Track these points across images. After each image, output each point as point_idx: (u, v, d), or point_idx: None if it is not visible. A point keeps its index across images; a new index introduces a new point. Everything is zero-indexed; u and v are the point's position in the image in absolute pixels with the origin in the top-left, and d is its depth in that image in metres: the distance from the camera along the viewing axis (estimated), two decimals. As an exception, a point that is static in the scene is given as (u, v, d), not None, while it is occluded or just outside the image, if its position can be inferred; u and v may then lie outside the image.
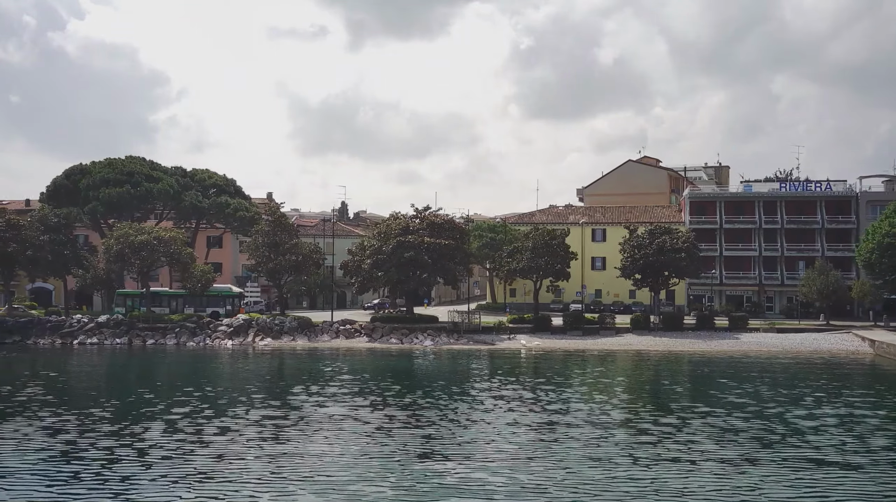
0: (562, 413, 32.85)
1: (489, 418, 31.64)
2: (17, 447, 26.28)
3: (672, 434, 28.21)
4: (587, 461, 24.21)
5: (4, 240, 67.63)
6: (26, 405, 34.98)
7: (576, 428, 29.30)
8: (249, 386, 41.86)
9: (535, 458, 24.69)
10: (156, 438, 27.65)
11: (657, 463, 23.96)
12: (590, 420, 31.20)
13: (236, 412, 33.25)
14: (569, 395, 38.19)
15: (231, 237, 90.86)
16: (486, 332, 67.94)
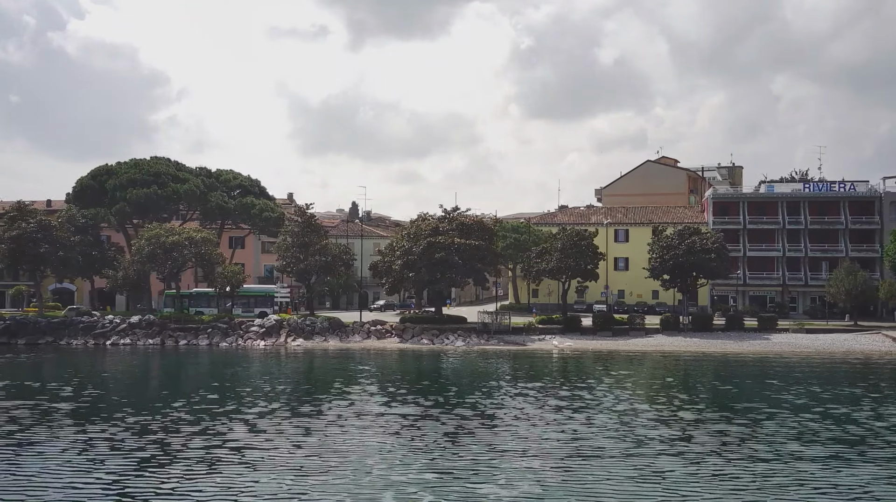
0: (632, 414, 33.03)
1: (561, 420, 31.69)
2: (113, 448, 26.46)
3: (751, 435, 28.42)
4: (681, 461, 24.41)
5: (35, 240, 67.64)
6: (96, 406, 35.13)
7: (654, 430, 29.46)
8: (309, 386, 42.17)
9: (632, 456, 24.90)
10: (240, 435, 27.89)
11: (753, 462, 24.19)
12: (662, 421, 31.37)
13: (311, 410, 33.53)
14: (628, 396, 38.35)
15: (253, 238, 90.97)
16: (515, 333, 68.07)
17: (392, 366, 53.68)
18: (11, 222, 68.31)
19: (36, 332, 66.16)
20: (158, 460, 24.83)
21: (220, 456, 25.14)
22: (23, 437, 28.25)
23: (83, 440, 27.75)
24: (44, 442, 27.52)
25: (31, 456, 25.29)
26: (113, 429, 29.58)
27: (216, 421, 31.01)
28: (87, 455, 25.53)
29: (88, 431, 29.30)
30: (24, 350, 63.16)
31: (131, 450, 26.12)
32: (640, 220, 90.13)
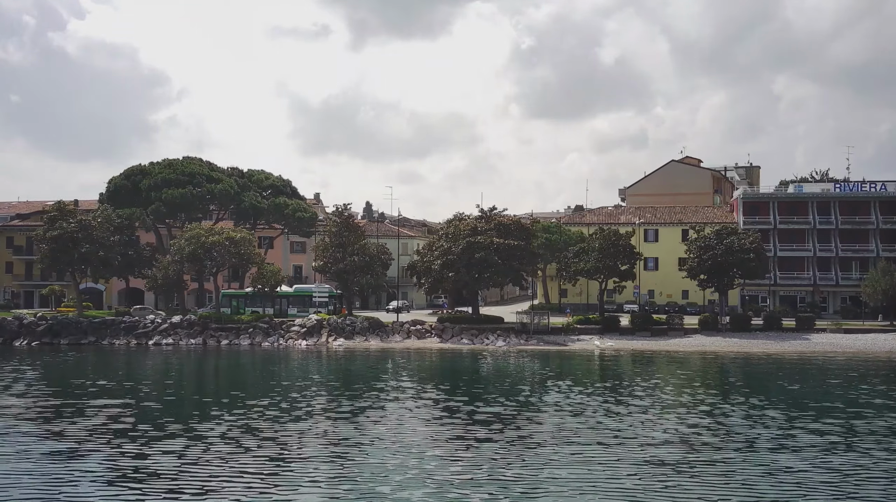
0: (720, 414, 33.27)
1: (657, 420, 31.72)
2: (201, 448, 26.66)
3: (849, 434, 28.66)
4: (801, 458, 24.72)
5: (76, 240, 67.77)
6: (174, 406, 35.37)
7: (753, 429, 29.83)
8: (380, 384, 42.36)
9: (754, 453, 25.19)
10: (331, 432, 28.07)
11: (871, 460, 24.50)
12: (755, 420, 31.60)
13: (391, 408, 33.77)
14: (703, 396, 38.55)
15: (282, 238, 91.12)
16: (554, 333, 68.24)
17: (446, 366, 53.85)
18: (52, 222, 68.44)
19: (78, 332, 66.31)
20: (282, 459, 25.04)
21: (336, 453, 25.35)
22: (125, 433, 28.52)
23: (218, 435, 27.97)
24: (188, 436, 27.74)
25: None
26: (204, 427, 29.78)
27: (306, 419, 31.25)
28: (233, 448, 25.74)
29: (201, 428, 29.54)
30: (68, 349, 63.35)
31: (293, 459, 26.25)
32: (670, 220, 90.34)
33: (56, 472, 23.43)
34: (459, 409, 34.58)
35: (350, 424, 30.71)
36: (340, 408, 34.74)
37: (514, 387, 42.07)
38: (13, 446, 26.90)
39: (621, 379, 46.92)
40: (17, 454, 25.68)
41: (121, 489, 21.84)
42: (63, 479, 22.64)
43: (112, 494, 21.43)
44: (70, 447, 26.82)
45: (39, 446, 26.95)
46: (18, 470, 23.75)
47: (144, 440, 27.98)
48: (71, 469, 23.91)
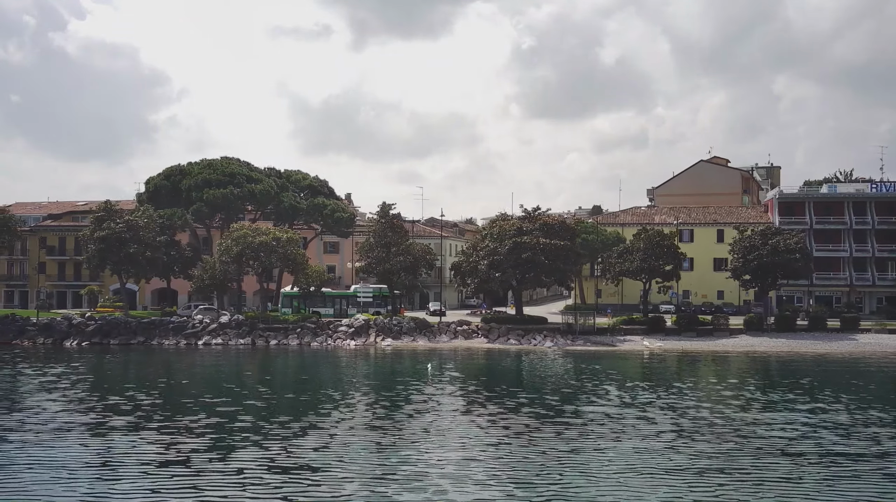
0: (822, 415, 33.36)
1: (764, 423, 31.65)
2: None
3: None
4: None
5: (123, 240, 67.89)
6: (254, 407, 35.49)
7: (866, 429, 29.88)
8: (464, 384, 42.53)
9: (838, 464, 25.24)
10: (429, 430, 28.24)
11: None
12: (863, 422, 31.66)
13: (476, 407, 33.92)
14: (793, 397, 38.58)
15: (315, 239, 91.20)
16: (600, 334, 68.37)
17: (510, 368, 53.71)
18: (99, 222, 68.56)
19: (127, 332, 66.45)
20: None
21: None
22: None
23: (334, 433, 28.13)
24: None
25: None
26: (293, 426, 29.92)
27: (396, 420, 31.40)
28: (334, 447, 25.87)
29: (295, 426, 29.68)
30: (118, 350, 63.52)
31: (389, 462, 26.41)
32: (705, 221, 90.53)
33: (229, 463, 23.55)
34: (563, 411, 34.68)
35: (473, 426, 30.80)
36: (449, 408, 34.85)
37: (600, 387, 42.16)
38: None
39: (698, 379, 47.00)
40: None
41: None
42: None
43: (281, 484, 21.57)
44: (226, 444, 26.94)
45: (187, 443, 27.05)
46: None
47: (289, 437, 28.27)
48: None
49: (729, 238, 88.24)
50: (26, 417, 32.42)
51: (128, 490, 21.67)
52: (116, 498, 21.03)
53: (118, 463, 24.66)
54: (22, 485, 22.15)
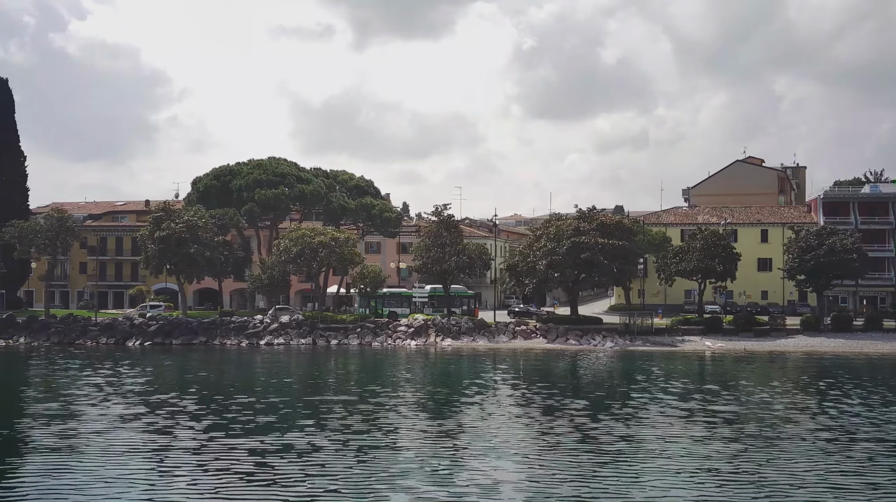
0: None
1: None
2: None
3: None
4: None
5: (182, 240, 67.93)
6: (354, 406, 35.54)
7: None
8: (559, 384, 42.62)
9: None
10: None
11: None
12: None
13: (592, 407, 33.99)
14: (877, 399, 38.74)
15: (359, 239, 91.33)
16: (657, 334, 68.52)
17: (585, 368, 53.80)
18: (158, 223, 68.60)
19: (189, 332, 66.51)
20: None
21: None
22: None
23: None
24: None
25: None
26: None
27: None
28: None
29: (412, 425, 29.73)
30: (180, 350, 63.60)
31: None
32: (748, 221, 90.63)
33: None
34: (704, 409, 34.73)
35: (605, 428, 30.90)
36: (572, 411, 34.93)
37: (701, 387, 42.24)
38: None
39: (785, 379, 46.99)
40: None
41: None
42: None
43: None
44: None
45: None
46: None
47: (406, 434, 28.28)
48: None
49: (772, 238, 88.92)
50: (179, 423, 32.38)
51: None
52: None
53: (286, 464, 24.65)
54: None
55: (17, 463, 24.45)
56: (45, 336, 65.65)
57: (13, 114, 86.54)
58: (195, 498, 20.76)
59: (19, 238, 69.49)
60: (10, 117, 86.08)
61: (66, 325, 66.74)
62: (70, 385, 42.03)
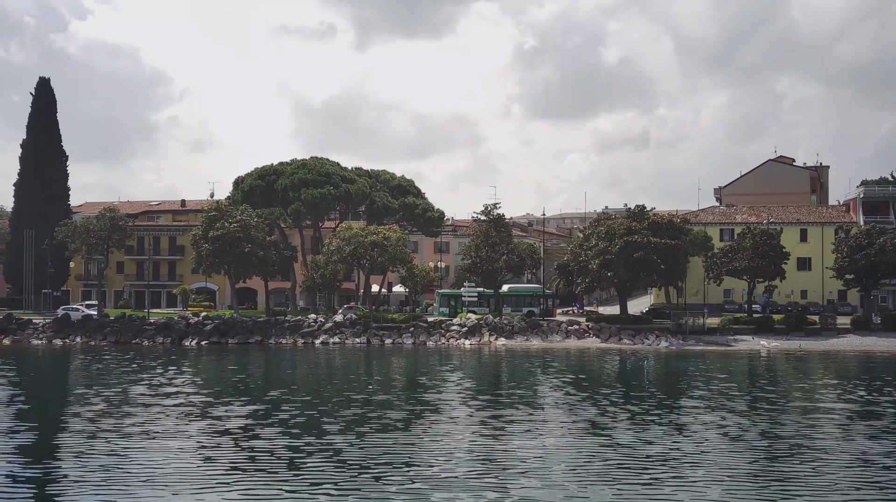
0: None
1: None
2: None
3: None
4: None
5: (236, 240, 67.95)
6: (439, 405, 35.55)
7: None
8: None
9: None
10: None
11: None
12: None
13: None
14: None
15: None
16: (709, 333, 68.65)
17: (661, 367, 53.87)
18: (212, 222, 68.62)
19: (245, 331, 66.47)
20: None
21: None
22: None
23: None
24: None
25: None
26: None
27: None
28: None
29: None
30: (237, 349, 63.56)
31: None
32: (788, 220, 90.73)
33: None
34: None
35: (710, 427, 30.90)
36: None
37: (817, 384, 42.22)
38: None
39: (872, 378, 47.02)
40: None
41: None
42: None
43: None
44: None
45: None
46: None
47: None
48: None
49: (811, 237, 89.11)
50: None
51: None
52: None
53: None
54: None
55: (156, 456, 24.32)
56: (102, 335, 65.57)
57: (55, 113, 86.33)
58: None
59: (71, 237, 69.42)
60: (53, 116, 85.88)
61: (121, 325, 66.70)
62: (176, 383, 41.97)
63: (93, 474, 22.17)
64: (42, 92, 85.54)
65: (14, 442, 26.68)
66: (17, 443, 26.60)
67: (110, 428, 28.76)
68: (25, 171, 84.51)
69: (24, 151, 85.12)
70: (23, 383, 43.41)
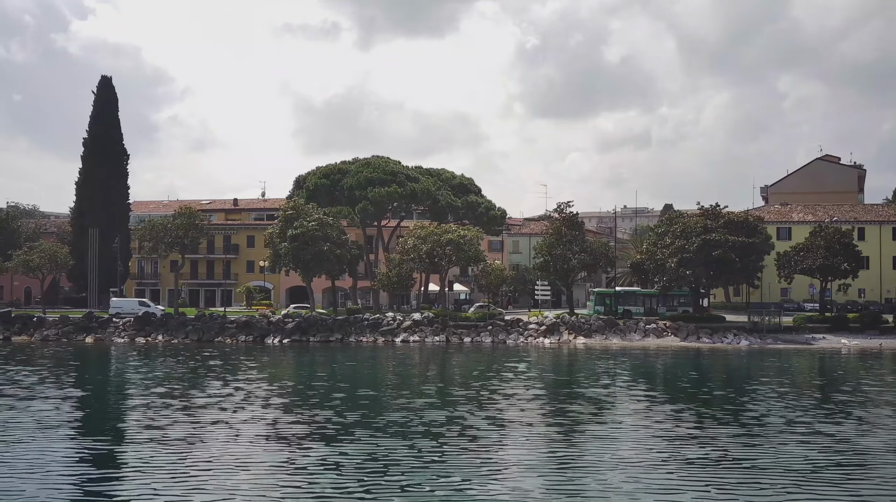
0: None
1: None
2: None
3: None
4: None
5: (314, 238, 67.78)
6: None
7: None
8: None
9: None
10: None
11: None
12: None
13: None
14: None
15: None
16: (785, 332, 68.65)
17: (770, 367, 53.65)
18: (290, 221, 68.49)
19: (325, 329, 66.32)
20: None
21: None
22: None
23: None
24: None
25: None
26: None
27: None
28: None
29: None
30: (319, 347, 63.38)
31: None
32: (846, 219, 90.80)
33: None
34: None
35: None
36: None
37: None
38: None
39: None
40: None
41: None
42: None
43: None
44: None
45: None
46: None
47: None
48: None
49: (869, 236, 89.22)
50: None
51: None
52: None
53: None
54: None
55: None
56: (184, 333, 65.34)
57: (117, 111, 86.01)
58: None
59: (149, 236, 69.30)
60: (115, 115, 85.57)
61: (203, 323, 66.51)
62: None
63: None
64: (104, 90, 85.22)
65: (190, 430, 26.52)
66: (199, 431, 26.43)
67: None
68: (87, 170, 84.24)
69: (86, 150, 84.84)
70: (142, 380, 42.95)
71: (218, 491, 19.94)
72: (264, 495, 19.82)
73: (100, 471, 22.30)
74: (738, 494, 20.00)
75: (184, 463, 22.82)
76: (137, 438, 26.55)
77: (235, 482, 20.75)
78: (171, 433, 27.13)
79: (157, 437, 26.38)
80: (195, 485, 20.50)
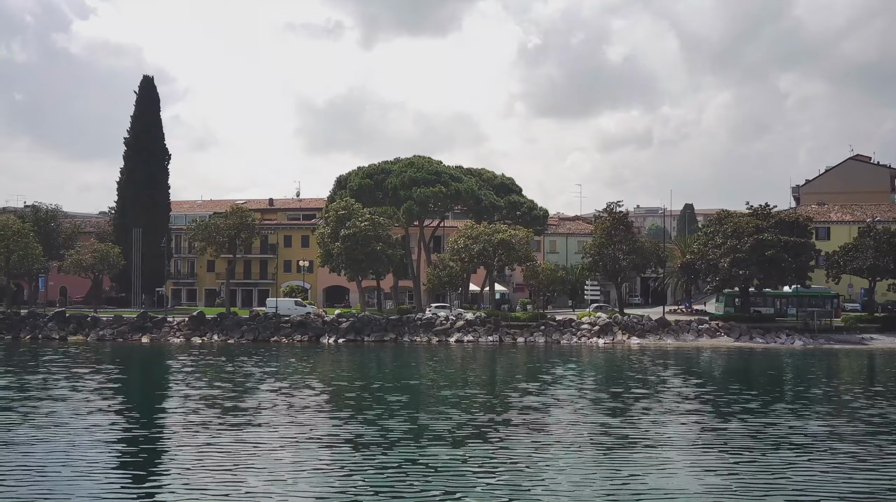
0: None
1: None
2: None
3: None
4: None
5: (367, 238, 67.67)
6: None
7: None
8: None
9: None
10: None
11: None
12: None
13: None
14: None
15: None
16: (837, 332, 68.65)
17: (825, 367, 53.55)
18: (341, 221, 68.38)
19: (379, 329, 66.26)
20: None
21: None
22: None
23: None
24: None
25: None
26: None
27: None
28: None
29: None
30: (374, 347, 63.27)
31: None
32: (886, 218, 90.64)
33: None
34: None
35: None
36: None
37: None
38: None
39: None
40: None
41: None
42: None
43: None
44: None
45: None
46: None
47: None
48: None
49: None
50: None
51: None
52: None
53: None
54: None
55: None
56: (239, 333, 65.23)
57: (159, 111, 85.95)
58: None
59: (201, 236, 69.19)
60: (157, 114, 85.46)
61: (258, 323, 66.41)
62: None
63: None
64: (146, 90, 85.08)
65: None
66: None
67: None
68: (129, 169, 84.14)
69: (127, 150, 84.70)
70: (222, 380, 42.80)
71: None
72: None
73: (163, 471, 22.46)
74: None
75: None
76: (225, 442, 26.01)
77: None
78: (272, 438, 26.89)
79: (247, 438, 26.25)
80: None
